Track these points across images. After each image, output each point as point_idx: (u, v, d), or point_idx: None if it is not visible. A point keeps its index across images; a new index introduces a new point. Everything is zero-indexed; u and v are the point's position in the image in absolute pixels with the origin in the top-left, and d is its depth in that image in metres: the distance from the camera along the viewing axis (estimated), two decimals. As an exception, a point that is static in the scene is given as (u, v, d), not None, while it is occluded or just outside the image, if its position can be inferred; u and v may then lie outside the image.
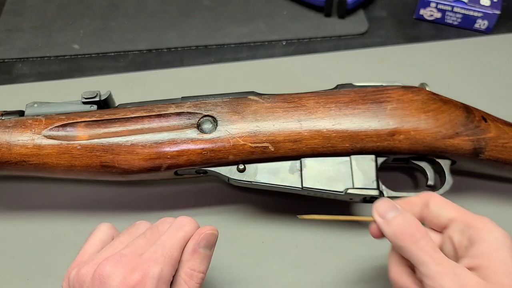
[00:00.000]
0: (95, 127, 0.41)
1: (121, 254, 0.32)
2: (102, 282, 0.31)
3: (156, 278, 0.31)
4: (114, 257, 0.32)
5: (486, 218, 0.32)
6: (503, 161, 0.43)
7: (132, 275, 0.31)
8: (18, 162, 0.41)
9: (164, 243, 0.33)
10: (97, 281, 0.31)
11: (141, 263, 0.31)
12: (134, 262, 0.31)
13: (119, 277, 0.30)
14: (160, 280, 0.31)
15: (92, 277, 0.31)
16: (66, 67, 0.62)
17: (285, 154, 0.41)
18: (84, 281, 0.32)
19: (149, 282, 0.31)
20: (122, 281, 0.30)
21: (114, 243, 0.34)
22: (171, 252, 0.33)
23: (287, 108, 0.42)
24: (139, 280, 0.30)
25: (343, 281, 0.43)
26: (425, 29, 0.66)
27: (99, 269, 0.31)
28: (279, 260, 0.44)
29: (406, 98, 0.43)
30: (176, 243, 0.34)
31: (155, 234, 0.35)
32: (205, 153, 0.41)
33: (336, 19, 0.67)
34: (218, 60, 0.62)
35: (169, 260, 0.32)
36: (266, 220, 0.47)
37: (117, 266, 0.31)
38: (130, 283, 0.30)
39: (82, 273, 0.32)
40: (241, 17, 0.68)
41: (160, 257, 0.32)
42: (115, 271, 0.31)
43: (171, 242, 0.34)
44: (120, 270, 0.31)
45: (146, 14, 0.68)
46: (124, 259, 0.32)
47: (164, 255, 0.32)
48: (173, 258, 0.33)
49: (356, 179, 0.41)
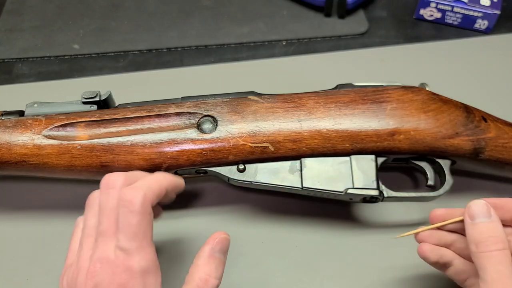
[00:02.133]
0: (95, 127, 0.41)
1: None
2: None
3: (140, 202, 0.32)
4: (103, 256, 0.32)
5: None
6: (503, 161, 0.43)
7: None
8: (18, 162, 0.41)
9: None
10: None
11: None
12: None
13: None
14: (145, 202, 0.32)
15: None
16: (66, 67, 0.62)
17: (285, 154, 0.41)
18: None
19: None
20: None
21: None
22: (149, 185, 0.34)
23: (287, 108, 0.42)
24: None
25: (343, 281, 0.43)
26: (425, 29, 0.66)
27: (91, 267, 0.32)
28: (279, 260, 0.44)
29: (406, 98, 0.43)
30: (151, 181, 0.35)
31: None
32: (205, 153, 0.41)
33: (336, 19, 0.67)
34: (218, 60, 0.62)
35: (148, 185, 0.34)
36: (266, 220, 0.47)
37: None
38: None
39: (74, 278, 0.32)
40: (241, 17, 0.68)
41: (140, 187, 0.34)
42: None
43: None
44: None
45: (146, 14, 0.68)
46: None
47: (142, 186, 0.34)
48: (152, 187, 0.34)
49: (356, 179, 0.41)
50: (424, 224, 0.46)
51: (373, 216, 0.47)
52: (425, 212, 0.47)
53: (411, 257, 0.44)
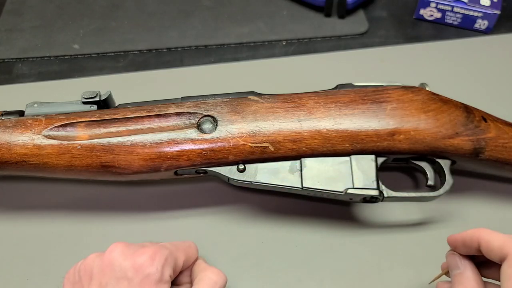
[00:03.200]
0: (95, 127, 0.41)
1: (129, 243, 0.33)
2: (112, 260, 0.31)
3: (164, 258, 0.32)
4: (122, 243, 0.33)
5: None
6: (503, 161, 0.43)
7: (141, 254, 0.32)
8: (18, 162, 0.41)
9: (170, 243, 0.35)
10: (107, 261, 0.31)
11: (149, 248, 0.32)
12: (141, 247, 0.33)
13: (129, 255, 0.31)
14: (167, 261, 0.32)
15: (102, 259, 0.32)
16: (66, 67, 0.62)
17: (285, 154, 0.41)
18: (93, 263, 0.32)
19: (158, 259, 0.31)
20: (132, 259, 0.31)
21: None
22: (176, 248, 0.34)
23: (287, 108, 0.42)
24: (148, 257, 0.31)
25: (343, 281, 0.43)
26: (425, 29, 0.66)
27: (108, 252, 0.32)
28: (279, 260, 0.44)
29: (406, 98, 0.42)
30: (180, 245, 0.35)
31: (160, 243, 0.36)
32: (205, 153, 0.41)
33: (336, 19, 0.67)
34: (218, 60, 0.62)
35: (174, 252, 0.33)
36: (266, 220, 0.47)
37: (127, 248, 0.32)
38: (139, 259, 0.31)
39: (90, 259, 0.33)
40: (241, 17, 0.68)
41: (167, 246, 0.34)
42: (125, 252, 0.32)
43: (176, 243, 0.35)
44: (130, 251, 0.32)
45: (146, 14, 0.68)
46: (132, 246, 0.33)
47: (171, 247, 0.34)
48: (177, 252, 0.34)
49: (356, 179, 0.41)
50: (424, 223, 0.46)
51: (373, 216, 0.47)
52: (425, 212, 0.47)
53: (411, 257, 0.44)
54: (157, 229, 0.46)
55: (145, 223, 0.47)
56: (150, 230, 0.46)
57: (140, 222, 0.47)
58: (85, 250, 0.37)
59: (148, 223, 0.47)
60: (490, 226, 0.33)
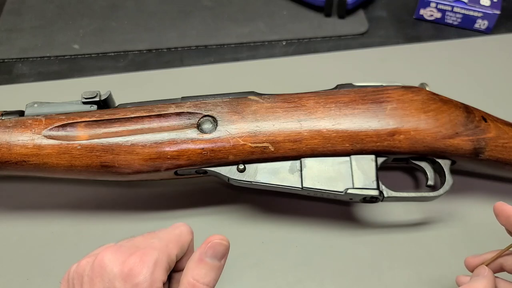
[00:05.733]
0: (95, 127, 0.41)
1: (120, 245, 0.33)
2: (102, 268, 0.31)
3: (153, 262, 0.31)
4: (113, 247, 0.32)
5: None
6: (503, 161, 0.43)
7: (130, 259, 0.31)
8: (18, 162, 0.41)
9: (160, 236, 0.34)
10: (97, 269, 0.31)
11: (139, 251, 0.32)
12: (132, 250, 0.32)
13: (118, 262, 0.31)
14: (157, 265, 0.32)
15: (92, 266, 0.32)
16: (66, 67, 0.62)
17: (285, 154, 0.41)
18: (84, 270, 0.32)
19: (146, 265, 0.31)
20: (121, 265, 0.31)
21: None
22: (166, 243, 0.33)
23: (287, 108, 0.42)
24: (136, 263, 0.31)
25: (343, 281, 0.43)
26: (425, 29, 0.66)
27: (99, 258, 0.32)
28: (279, 260, 0.44)
29: (406, 98, 0.42)
30: (172, 237, 0.34)
31: (152, 234, 0.35)
32: (205, 153, 0.41)
33: (336, 19, 0.67)
34: (218, 60, 0.62)
35: (165, 249, 0.33)
36: (266, 220, 0.47)
37: (116, 254, 0.32)
38: (128, 265, 0.31)
39: (82, 264, 0.33)
40: (241, 17, 0.68)
41: (157, 246, 0.33)
42: (114, 259, 0.31)
43: (167, 236, 0.34)
44: (119, 257, 0.31)
45: (146, 14, 0.68)
46: (123, 249, 0.32)
47: (161, 244, 0.33)
48: (168, 248, 0.33)
49: (356, 179, 0.41)
50: (424, 223, 0.46)
51: (373, 216, 0.47)
52: (425, 212, 0.47)
53: (411, 257, 0.44)
54: (157, 229, 0.46)
55: (145, 223, 0.47)
56: (150, 230, 0.46)
57: (140, 222, 0.47)
58: (85, 250, 0.37)
59: (148, 223, 0.47)
60: (490, 226, 0.34)
